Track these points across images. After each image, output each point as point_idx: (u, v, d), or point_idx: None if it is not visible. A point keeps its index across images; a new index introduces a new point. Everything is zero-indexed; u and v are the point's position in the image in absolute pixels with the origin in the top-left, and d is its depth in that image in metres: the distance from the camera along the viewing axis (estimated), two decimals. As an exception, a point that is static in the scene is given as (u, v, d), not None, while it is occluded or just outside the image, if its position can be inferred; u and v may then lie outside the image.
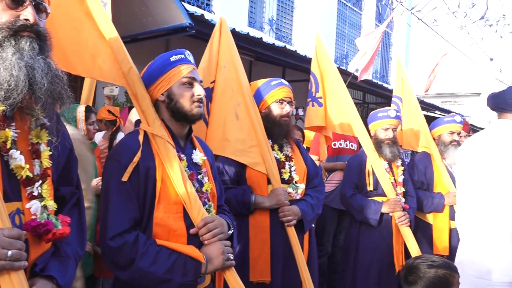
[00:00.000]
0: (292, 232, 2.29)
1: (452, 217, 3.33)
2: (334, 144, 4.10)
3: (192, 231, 1.54)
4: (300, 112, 6.19)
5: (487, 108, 2.30)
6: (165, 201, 1.49)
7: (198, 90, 1.62)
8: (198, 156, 1.68)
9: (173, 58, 1.61)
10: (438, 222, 3.36)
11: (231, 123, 2.37)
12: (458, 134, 3.49)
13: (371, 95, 10.98)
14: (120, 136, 3.32)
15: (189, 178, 1.57)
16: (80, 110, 2.95)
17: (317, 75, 3.17)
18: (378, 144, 3.14)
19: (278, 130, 2.39)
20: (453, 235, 3.34)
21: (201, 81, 1.67)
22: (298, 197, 2.38)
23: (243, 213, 2.31)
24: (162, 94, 1.62)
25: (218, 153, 2.37)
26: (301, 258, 2.27)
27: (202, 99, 1.63)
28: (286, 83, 2.46)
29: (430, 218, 3.40)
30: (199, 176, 1.65)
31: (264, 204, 2.29)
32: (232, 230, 1.69)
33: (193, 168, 1.64)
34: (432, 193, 3.38)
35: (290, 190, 2.36)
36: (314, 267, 2.45)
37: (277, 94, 2.40)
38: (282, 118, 2.40)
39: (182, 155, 1.61)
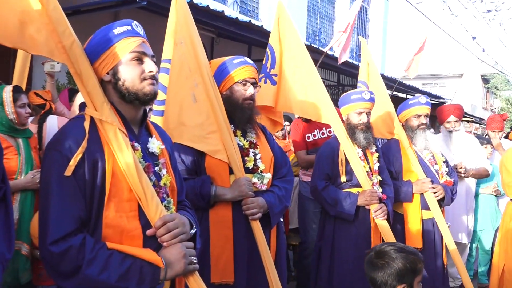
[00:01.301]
0: (257, 227, 2.31)
1: (424, 206, 3.47)
2: (308, 137, 4.12)
3: (148, 232, 1.50)
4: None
5: (469, 90, 2.37)
6: (117, 198, 1.45)
7: (149, 66, 1.56)
8: (155, 144, 1.64)
9: (117, 31, 1.54)
10: (409, 212, 3.49)
11: (188, 106, 2.35)
12: (426, 116, 3.58)
13: (346, 76, 11.18)
14: (52, 120, 3.19)
15: (144, 170, 1.53)
16: (7, 91, 2.82)
17: (275, 49, 3.13)
18: (351, 129, 3.18)
19: (241, 114, 2.39)
20: (426, 226, 3.48)
21: (153, 56, 1.59)
22: (264, 188, 2.40)
23: (202, 207, 2.31)
24: (107, 73, 1.55)
25: (174, 140, 2.33)
26: (267, 256, 2.30)
27: (155, 75, 1.57)
28: (251, 61, 2.45)
29: (400, 208, 3.52)
30: (156, 168, 1.61)
31: (225, 196, 2.30)
32: (195, 229, 1.66)
33: (149, 159, 1.59)
34: (400, 181, 3.50)
35: (254, 180, 2.37)
36: (282, 265, 2.49)
37: (240, 74, 2.39)
38: (245, 101, 2.39)
39: (136, 144, 1.57)
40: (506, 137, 7.62)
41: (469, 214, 4.52)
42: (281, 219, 2.57)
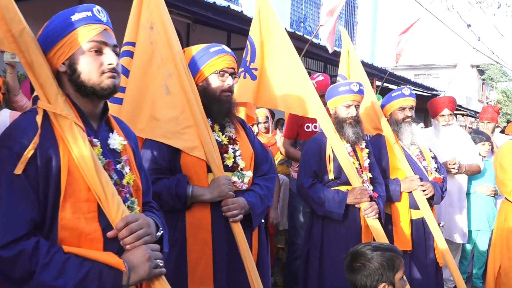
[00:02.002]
0: (238, 229, 2.32)
1: (412, 206, 3.52)
2: (307, 127, 4.15)
3: (109, 234, 1.49)
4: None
5: (464, 82, 2.44)
6: (74, 198, 1.44)
7: (109, 58, 1.54)
8: (117, 140, 1.63)
9: (75, 17, 1.51)
10: (397, 212, 3.54)
11: (160, 98, 2.34)
12: (411, 109, 3.62)
13: (333, 66, 11.24)
14: (4, 114, 3.14)
15: (104, 168, 1.52)
16: None
17: (255, 41, 3.15)
18: (339, 124, 3.20)
19: (219, 107, 2.39)
20: (416, 227, 3.53)
21: (115, 46, 1.57)
22: (244, 187, 2.42)
23: (179, 209, 2.31)
24: (63, 64, 1.53)
25: (145, 136, 2.35)
26: (249, 260, 2.31)
27: (116, 68, 1.55)
28: (229, 50, 2.45)
29: (388, 208, 3.55)
30: (118, 166, 1.61)
31: (203, 196, 2.30)
32: (162, 231, 1.66)
33: (110, 156, 1.58)
34: (387, 180, 3.54)
35: (234, 179, 2.38)
36: (265, 269, 2.51)
37: (217, 63, 2.38)
38: (223, 93, 2.39)
39: (95, 140, 1.55)
40: (502, 131, 7.83)
41: (462, 212, 4.62)
42: (263, 220, 2.59)
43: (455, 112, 19.22)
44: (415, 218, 3.54)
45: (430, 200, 3.54)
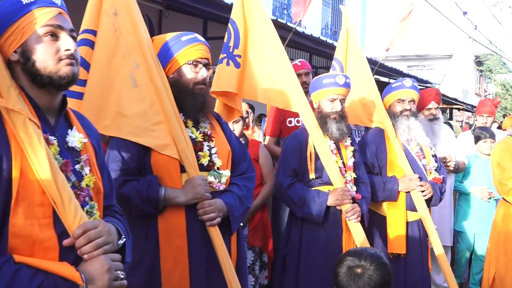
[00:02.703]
0: (216, 234, 2.34)
1: (409, 207, 3.58)
2: (290, 122, 4.16)
3: (65, 242, 1.47)
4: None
5: (460, 74, 2.49)
6: (26, 202, 1.42)
7: (66, 43, 1.52)
8: (76, 138, 1.62)
9: (26, 0, 1.51)
10: (392, 213, 3.59)
11: (127, 92, 2.33)
12: (411, 102, 3.68)
13: (319, 57, 11.32)
14: None
15: (61, 169, 1.50)
16: None
17: (239, 25, 3.15)
18: (322, 119, 3.23)
19: (192, 101, 2.40)
20: (411, 229, 3.59)
21: (71, 30, 1.56)
22: (222, 188, 2.44)
23: (150, 213, 2.31)
24: (15, 52, 1.51)
25: (111, 134, 2.34)
26: (229, 267, 2.33)
27: (74, 55, 1.54)
28: (202, 39, 2.46)
29: (383, 209, 3.63)
30: (77, 166, 1.60)
31: (177, 199, 2.30)
32: (124, 239, 1.65)
33: (68, 155, 1.57)
34: (384, 177, 3.61)
35: (211, 179, 2.39)
36: (244, 276, 2.53)
37: (190, 53, 2.39)
38: (196, 85, 2.40)
39: (52, 137, 1.53)
40: (500, 127, 7.98)
41: (451, 214, 4.72)
42: (241, 224, 2.61)
43: (452, 106, 19.43)
44: (411, 220, 3.60)
45: (428, 201, 3.60)
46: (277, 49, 3.11)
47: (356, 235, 3.11)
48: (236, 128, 3.81)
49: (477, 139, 5.09)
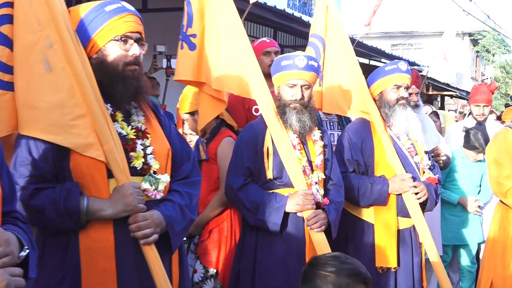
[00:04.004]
0: (152, 254, 2.33)
1: (401, 212, 3.64)
2: (256, 110, 4.20)
3: None
4: (174, 62, 6.17)
5: (453, 54, 2.53)
6: None
7: None
8: None
9: None
10: (381, 220, 3.63)
11: (38, 78, 2.28)
12: (406, 89, 3.77)
13: (286, 34, 11.38)
14: None
15: None
16: None
17: (192, 0, 3.20)
18: (281, 108, 3.27)
19: (122, 87, 2.37)
20: (403, 238, 3.65)
21: None
22: (159, 197, 2.42)
23: (69, 228, 2.27)
24: None
25: (21, 131, 2.28)
26: (168, 293, 2.33)
27: None
28: (131, 8, 2.43)
29: (370, 215, 3.68)
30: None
31: (103, 212, 2.28)
32: (27, 251, 1.66)
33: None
34: (372, 178, 3.66)
35: (146, 185, 2.37)
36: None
37: (118, 26, 2.36)
38: (127, 66, 2.38)
39: None
40: (499, 118, 8.18)
41: (439, 221, 4.84)
42: (184, 239, 2.60)
43: (443, 93, 19.87)
44: (403, 227, 3.67)
45: (422, 206, 3.67)
46: (232, 23, 3.16)
47: (318, 247, 3.15)
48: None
49: (468, 143, 5.15)
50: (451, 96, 20.25)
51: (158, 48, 6.54)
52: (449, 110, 22.87)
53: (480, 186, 5.25)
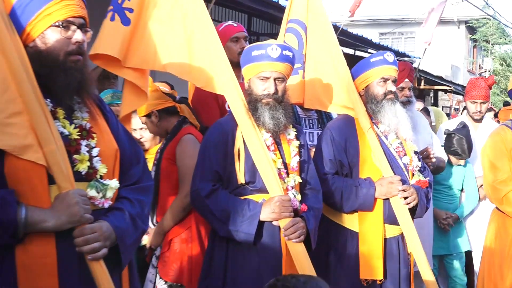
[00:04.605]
0: (100, 270, 2.32)
1: (388, 219, 3.67)
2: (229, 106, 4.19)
3: None
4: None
5: (447, 45, 2.54)
6: None
7: None
8: None
9: None
10: (366, 227, 3.65)
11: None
12: (394, 82, 3.81)
13: (262, 21, 11.36)
14: None
15: None
16: None
17: None
18: (253, 103, 3.28)
19: (65, 80, 2.36)
20: (389, 248, 3.68)
21: None
22: (107, 205, 2.42)
23: (4, 242, 2.23)
24: None
25: None
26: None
27: None
28: None
29: (354, 222, 3.70)
30: None
31: (45, 223, 2.26)
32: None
33: None
34: (357, 180, 3.69)
35: (92, 193, 2.37)
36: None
37: (58, 11, 2.34)
38: (69, 56, 2.38)
39: None
40: (496, 115, 8.27)
41: (430, 232, 4.88)
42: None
43: (436, 87, 20.00)
44: (390, 236, 3.69)
45: (412, 211, 3.70)
46: (196, 8, 3.20)
47: (297, 260, 3.16)
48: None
49: (449, 148, 5.19)
50: (445, 91, 20.44)
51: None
52: (443, 107, 23.11)
53: (460, 190, 5.38)
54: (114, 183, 2.43)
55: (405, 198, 3.61)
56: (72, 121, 2.42)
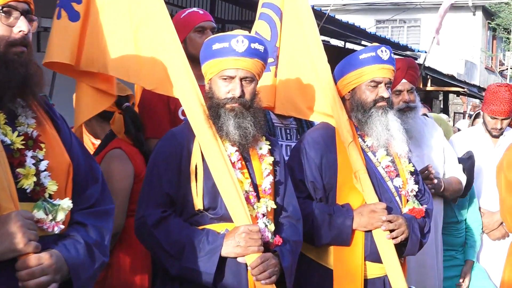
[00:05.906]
0: None
1: (370, 256, 3.69)
2: (184, 113, 4.22)
3: None
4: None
5: (460, 35, 2.62)
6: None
7: None
8: None
9: None
10: (342, 264, 3.67)
11: None
12: (388, 85, 3.80)
13: (228, 4, 11.40)
14: None
15: None
16: None
17: None
18: (214, 109, 3.29)
19: (5, 77, 2.38)
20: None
21: None
22: (58, 230, 2.45)
23: None
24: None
25: None
26: None
27: None
28: None
29: (328, 257, 3.74)
30: None
31: None
32: None
33: None
34: (332, 207, 3.71)
35: (40, 215, 2.39)
36: None
37: None
38: (12, 47, 2.41)
39: None
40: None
41: (439, 257, 4.96)
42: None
43: (446, 89, 20.04)
44: (372, 276, 3.71)
45: (402, 247, 3.72)
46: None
47: None
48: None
49: None
50: (458, 94, 20.24)
51: (43, 22, 6.32)
52: (455, 113, 23.15)
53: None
54: (66, 203, 2.43)
55: (391, 231, 3.61)
56: (15, 128, 2.42)
